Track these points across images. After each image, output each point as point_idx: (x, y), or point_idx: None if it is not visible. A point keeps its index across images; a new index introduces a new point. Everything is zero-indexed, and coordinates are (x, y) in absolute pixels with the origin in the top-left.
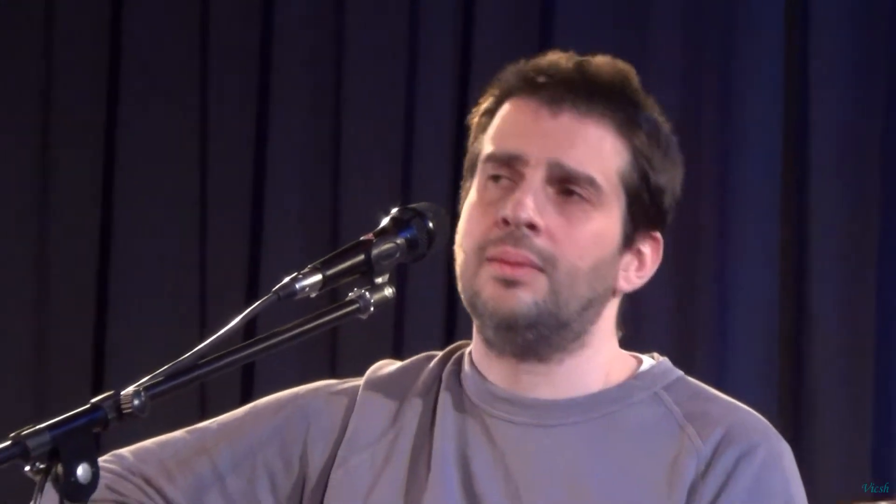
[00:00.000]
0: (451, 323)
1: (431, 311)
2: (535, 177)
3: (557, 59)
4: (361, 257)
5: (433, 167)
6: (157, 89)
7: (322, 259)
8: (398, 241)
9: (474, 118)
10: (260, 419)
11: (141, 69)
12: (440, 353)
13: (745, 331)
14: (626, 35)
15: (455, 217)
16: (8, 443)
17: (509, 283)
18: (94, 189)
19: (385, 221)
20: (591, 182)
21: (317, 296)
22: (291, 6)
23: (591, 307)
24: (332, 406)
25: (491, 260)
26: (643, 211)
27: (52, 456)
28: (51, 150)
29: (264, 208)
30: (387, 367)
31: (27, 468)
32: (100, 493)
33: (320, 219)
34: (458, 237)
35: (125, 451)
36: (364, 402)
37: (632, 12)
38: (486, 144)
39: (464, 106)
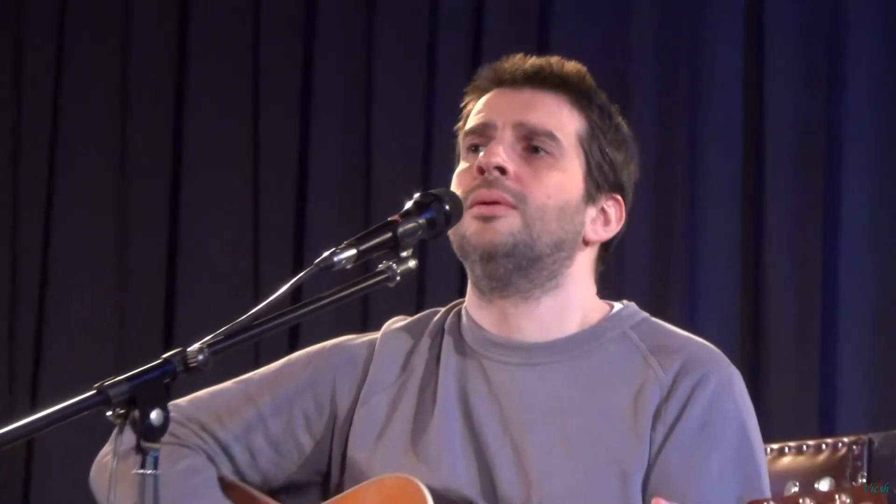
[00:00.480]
0: (465, 291)
1: (448, 281)
2: (504, 136)
3: (518, 59)
4: (389, 235)
5: (449, 159)
6: (216, 103)
7: (356, 236)
8: (420, 221)
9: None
10: (294, 372)
11: (203, 85)
12: (443, 308)
13: (712, 314)
14: (610, 43)
15: None
16: (92, 392)
17: (487, 219)
18: (164, 180)
19: (409, 204)
20: (551, 136)
21: (351, 267)
22: (330, 21)
23: (563, 249)
24: (354, 356)
25: (471, 206)
26: (603, 176)
27: (130, 403)
28: (127, 144)
29: (307, 196)
30: (399, 321)
31: (109, 413)
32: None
33: (354, 203)
34: None
35: (182, 401)
36: (381, 351)
37: (615, 15)
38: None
39: None
